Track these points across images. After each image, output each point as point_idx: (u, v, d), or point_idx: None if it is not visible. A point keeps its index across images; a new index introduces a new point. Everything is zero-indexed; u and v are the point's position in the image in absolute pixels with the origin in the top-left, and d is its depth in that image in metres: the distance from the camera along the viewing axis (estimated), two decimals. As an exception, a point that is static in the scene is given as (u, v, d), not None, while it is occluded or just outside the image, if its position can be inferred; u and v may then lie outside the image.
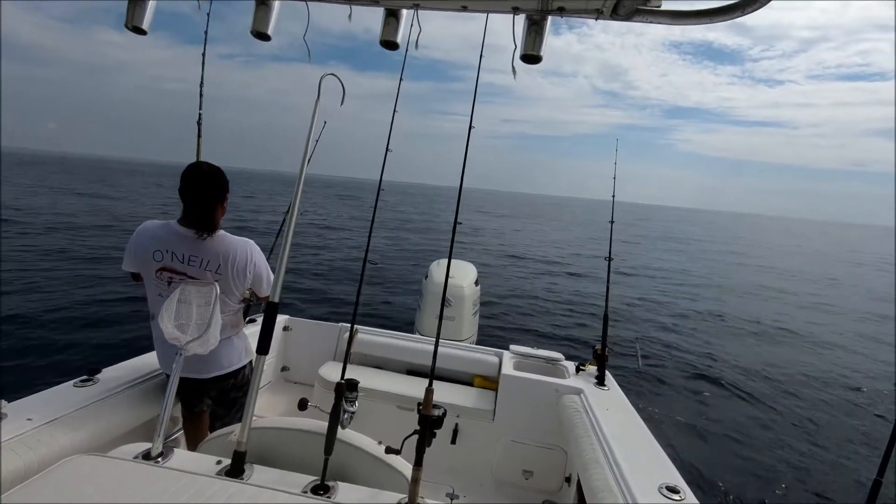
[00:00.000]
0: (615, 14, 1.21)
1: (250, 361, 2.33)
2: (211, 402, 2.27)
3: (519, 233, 32.29)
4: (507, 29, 1.35)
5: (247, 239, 2.19)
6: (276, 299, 1.47)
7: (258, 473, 1.39)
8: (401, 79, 2.12)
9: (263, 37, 1.52)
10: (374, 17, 1.52)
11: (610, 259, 3.22)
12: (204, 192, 2.03)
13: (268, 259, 2.37)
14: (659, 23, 1.24)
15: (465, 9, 1.31)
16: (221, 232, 2.11)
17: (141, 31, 1.56)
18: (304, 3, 1.42)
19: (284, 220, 1.60)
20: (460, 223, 1.88)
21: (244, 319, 3.22)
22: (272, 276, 2.23)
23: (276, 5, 1.51)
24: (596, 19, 1.27)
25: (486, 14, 1.40)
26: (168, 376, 2.20)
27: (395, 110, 2.12)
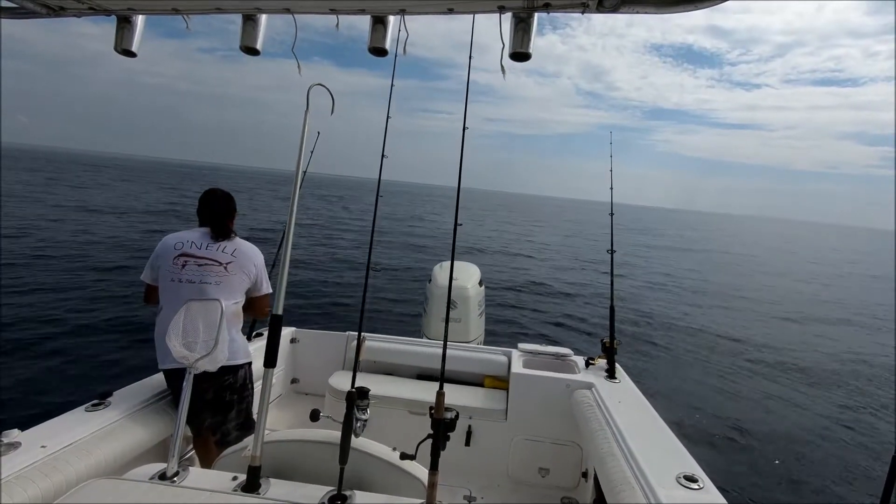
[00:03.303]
0: (601, 7, 1.21)
1: (249, 364, 2.42)
2: (209, 416, 2.27)
3: (511, 232, 32.20)
4: (491, 29, 1.35)
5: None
6: (280, 311, 1.47)
7: (274, 487, 1.40)
8: (392, 84, 2.13)
9: (252, 51, 1.52)
10: (359, 15, 1.50)
11: (612, 251, 3.21)
12: (219, 210, 2.45)
13: (270, 272, 2.47)
14: (645, 12, 1.23)
15: (451, 11, 1.31)
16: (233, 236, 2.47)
17: (131, 54, 1.56)
18: (290, 15, 1.42)
19: (284, 232, 1.60)
20: (460, 224, 1.89)
21: (251, 333, 3.24)
22: (268, 280, 2.50)
23: (263, 19, 1.51)
24: (582, 13, 1.26)
25: (472, 15, 1.41)
26: (164, 371, 2.27)
27: (388, 116, 2.13)
